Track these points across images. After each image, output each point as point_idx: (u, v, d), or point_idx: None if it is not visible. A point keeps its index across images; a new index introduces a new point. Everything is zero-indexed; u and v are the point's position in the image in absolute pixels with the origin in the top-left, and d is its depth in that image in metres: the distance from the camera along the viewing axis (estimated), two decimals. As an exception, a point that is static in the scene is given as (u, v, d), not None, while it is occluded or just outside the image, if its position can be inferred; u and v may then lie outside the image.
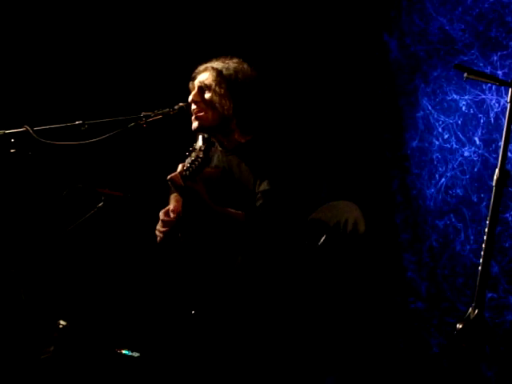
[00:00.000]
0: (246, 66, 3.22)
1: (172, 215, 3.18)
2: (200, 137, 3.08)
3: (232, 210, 3.07)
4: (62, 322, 3.50)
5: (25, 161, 2.89)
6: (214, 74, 3.17)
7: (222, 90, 3.15)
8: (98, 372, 3.53)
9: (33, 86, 4.35)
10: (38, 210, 4.29)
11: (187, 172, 2.96)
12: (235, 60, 3.23)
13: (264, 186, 3.09)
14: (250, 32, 4.48)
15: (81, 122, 2.99)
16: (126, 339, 3.70)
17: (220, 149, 3.27)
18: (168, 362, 3.30)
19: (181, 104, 3.19)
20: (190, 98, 3.18)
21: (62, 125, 2.98)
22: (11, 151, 2.86)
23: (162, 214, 3.21)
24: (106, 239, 4.34)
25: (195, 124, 3.18)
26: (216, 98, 3.15)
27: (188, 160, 2.99)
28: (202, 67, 3.23)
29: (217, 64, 3.20)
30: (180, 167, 3.00)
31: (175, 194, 3.33)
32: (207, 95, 3.17)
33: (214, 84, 3.16)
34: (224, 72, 3.16)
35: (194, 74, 3.25)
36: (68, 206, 3.77)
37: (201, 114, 3.16)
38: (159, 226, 3.20)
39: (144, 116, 3.11)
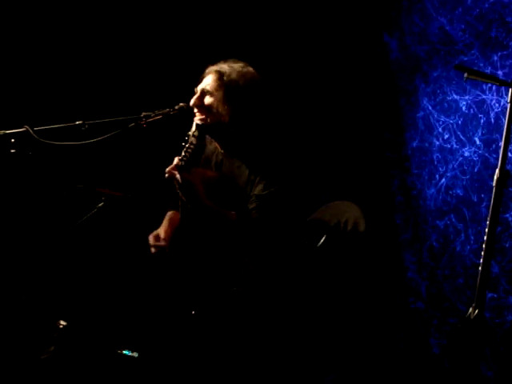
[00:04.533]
0: (251, 70, 3.22)
1: (162, 242, 3.23)
2: (194, 123, 3.09)
3: (224, 210, 3.07)
4: (62, 322, 3.50)
5: (25, 161, 2.89)
6: (216, 78, 3.18)
7: (220, 95, 3.16)
8: (98, 372, 3.53)
9: (33, 85, 4.35)
10: (38, 210, 4.29)
11: (182, 162, 2.98)
12: (241, 64, 3.22)
13: (259, 189, 3.09)
14: (250, 32, 4.48)
15: (81, 122, 2.99)
16: (126, 339, 3.70)
17: (222, 151, 3.27)
18: (168, 362, 3.30)
19: (181, 104, 3.19)
20: (192, 103, 3.20)
21: (62, 125, 2.98)
22: (11, 151, 2.86)
23: (151, 239, 3.25)
24: (106, 239, 4.34)
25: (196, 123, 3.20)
26: (214, 103, 3.16)
27: (183, 149, 3.01)
28: (208, 70, 3.24)
29: (221, 67, 3.20)
30: (176, 160, 3.01)
31: (170, 213, 3.37)
32: (207, 100, 3.18)
33: (214, 89, 3.17)
34: (225, 77, 3.16)
35: (201, 76, 3.26)
36: (68, 206, 3.77)
37: (201, 117, 3.17)
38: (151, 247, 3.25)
39: (144, 116, 3.11)
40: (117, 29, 4.50)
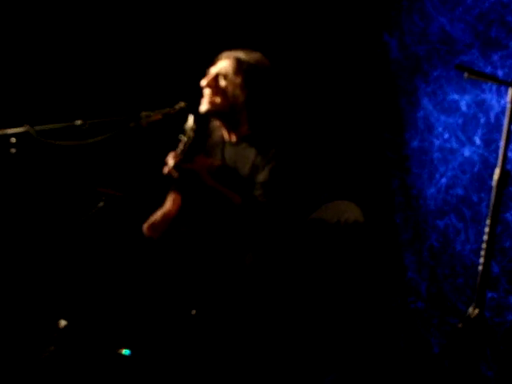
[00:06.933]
0: (267, 62, 3.24)
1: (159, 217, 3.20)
2: (191, 117, 3.09)
3: (230, 192, 3.08)
4: (62, 322, 3.50)
5: (25, 161, 2.89)
6: (235, 63, 3.19)
7: (238, 81, 3.16)
8: (98, 372, 3.53)
9: (33, 85, 4.35)
10: (38, 210, 4.29)
11: (181, 155, 2.98)
12: (258, 54, 3.25)
13: (262, 177, 3.09)
14: (251, 31, 4.48)
15: (81, 121, 2.99)
16: (126, 339, 3.70)
17: (227, 140, 3.27)
18: (168, 362, 3.30)
19: (181, 103, 3.19)
20: (205, 83, 3.19)
21: (62, 125, 2.98)
22: (11, 151, 2.86)
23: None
24: (106, 239, 4.34)
25: (204, 107, 3.19)
26: (230, 88, 3.17)
27: (180, 144, 3.02)
28: (224, 54, 3.24)
29: (239, 54, 3.21)
30: (172, 160, 3.01)
31: (172, 194, 3.34)
32: (222, 83, 3.18)
33: (231, 73, 3.18)
34: (244, 64, 3.17)
35: (215, 59, 3.26)
36: (68, 206, 3.78)
37: (212, 98, 3.17)
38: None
39: (144, 116, 3.11)
40: (116, 28, 4.50)
